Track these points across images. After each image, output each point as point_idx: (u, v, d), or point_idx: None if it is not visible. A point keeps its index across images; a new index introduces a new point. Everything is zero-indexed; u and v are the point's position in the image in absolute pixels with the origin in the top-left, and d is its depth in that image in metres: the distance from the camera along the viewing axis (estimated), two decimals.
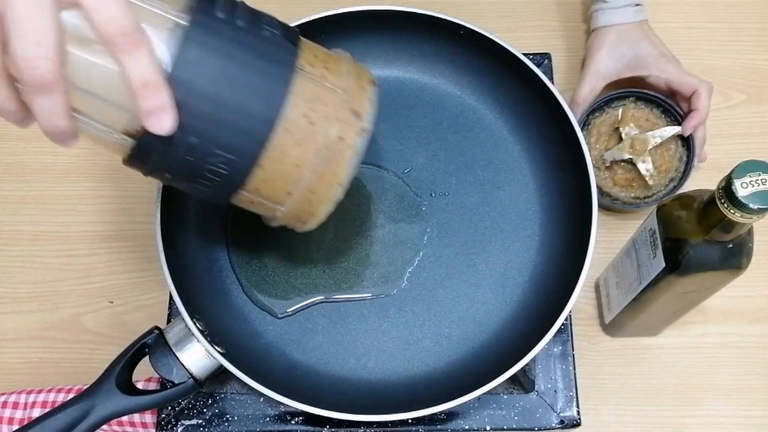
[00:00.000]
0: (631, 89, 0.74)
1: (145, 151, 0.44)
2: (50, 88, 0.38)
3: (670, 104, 0.73)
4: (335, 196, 0.48)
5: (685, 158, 0.72)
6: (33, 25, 0.36)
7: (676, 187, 0.72)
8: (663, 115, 0.74)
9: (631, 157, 0.71)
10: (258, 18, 0.46)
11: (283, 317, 0.62)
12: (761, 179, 0.45)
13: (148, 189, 0.75)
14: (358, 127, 0.47)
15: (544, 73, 0.65)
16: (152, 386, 0.63)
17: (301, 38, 0.48)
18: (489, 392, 0.55)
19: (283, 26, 0.47)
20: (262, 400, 0.62)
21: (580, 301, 0.72)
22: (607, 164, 0.73)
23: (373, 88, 0.49)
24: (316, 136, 0.45)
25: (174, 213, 0.60)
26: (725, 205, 0.46)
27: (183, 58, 0.41)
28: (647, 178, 0.71)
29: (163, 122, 0.41)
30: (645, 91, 0.74)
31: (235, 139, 0.44)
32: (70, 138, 0.42)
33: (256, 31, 0.44)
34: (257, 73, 0.43)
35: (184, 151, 0.43)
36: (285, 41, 0.45)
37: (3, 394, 0.65)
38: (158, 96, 0.40)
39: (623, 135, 0.72)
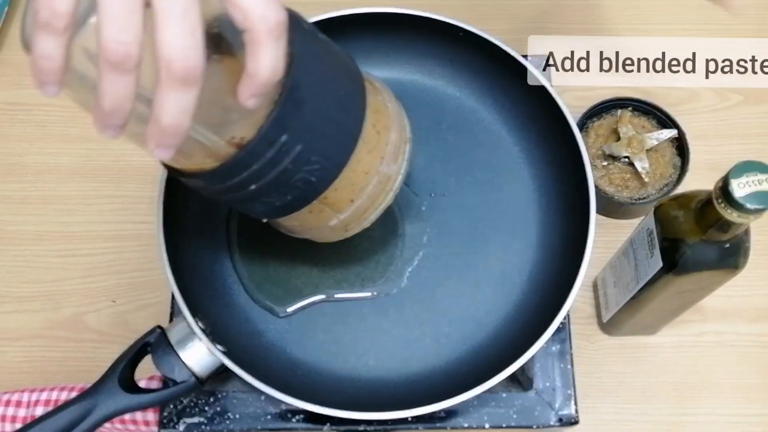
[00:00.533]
0: (629, 99, 0.75)
1: (249, 161, 0.42)
2: (193, 83, 0.35)
3: (666, 114, 0.74)
4: (387, 203, 0.51)
5: (679, 165, 0.73)
6: (191, 16, 0.35)
7: (669, 192, 0.72)
8: (659, 125, 0.75)
9: (628, 154, 0.72)
10: (338, 51, 0.48)
11: (284, 317, 0.63)
12: (758, 180, 0.45)
13: (150, 189, 0.76)
14: (406, 136, 0.52)
15: (542, 74, 0.65)
16: (154, 384, 0.64)
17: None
18: (488, 390, 0.55)
19: (353, 69, 0.49)
20: (263, 398, 0.62)
21: (578, 300, 0.72)
22: (604, 164, 0.73)
23: (407, 120, 0.54)
24: (381, 144, 0.48)
25: (176, 213, 0.61)
26: (722, 205, 0.47)
27: (295, 65, 0.41)
28: (644, 176, 0.71)
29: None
30: (643, 100, 0.75)
31: (331, 147, 0.45)
32: (172, 140, 0.37)
33: (331, 43, 0.46)
34: (348, 82, 0.45)
35: (288, 158, 0.42)
36: (345, 52, 0.48)
37: (6, 392, 0.65)
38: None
39: (621, 134, 0.73)
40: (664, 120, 0.74)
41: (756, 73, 0.81)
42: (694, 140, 0.73)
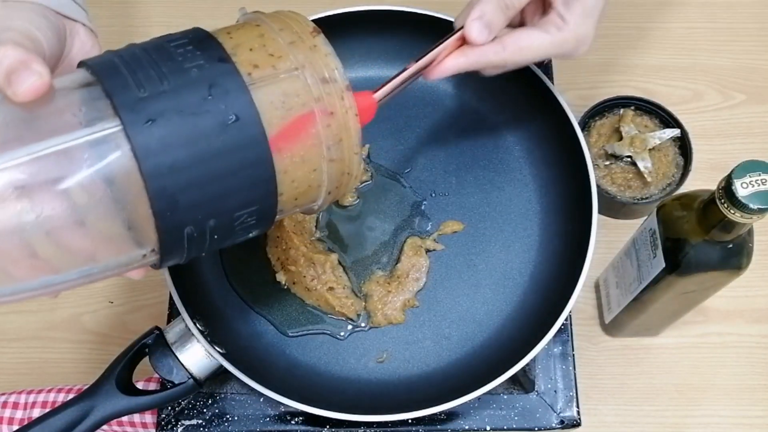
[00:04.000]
0: (632, 98, 0.75)
1: (174, 258, 0.41)
2: None
3: (669, 113, 0.73)
4: (358, 160, 0.44)
5: (681, 165, 0.73)
6: None
7: (672, 192, 0.72)
8: (662, 125, 0.74)
9: (630, 154, 0.71)
10: (171, 58, 0.38)
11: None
12: (761, 179, 0.45)
13: None
14: (339, 89, 0.42)
15: (544, 73, 0.65)
16: (152, 386, 0.63)
17: (217, 37, 0.41)
18: (489, 392, 0.55)
19: (193, 40, 0.40)
20: (262, 400, 0.62)
21: (580, 301, 0.72)
22: (606, 163, 0.73)
23: (320, 37, 0.43)
24: (308, 130, 0.41)
25: None
26: (725, 205, 0.46)
27: (147, 164, 0.36)
28: (646, 176, 0.71)
29: None
30: (645, 99, 0.74)
31: (246, 194, 0.40)
32: None
33: (184, 79, 0.38)
34: (220, 122, 0.38)
35: (208, 236, 0.40)
36: (213, 63, 0.39)
37: (3, 394, 0.65)
38: None
39: (623, 134, 0.73)
40: (666, 119, 0.74)
41: (759, 72, 0.81)
42: (697, 139, 0.73)
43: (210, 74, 0.38)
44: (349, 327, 0.62)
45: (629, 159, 0.72)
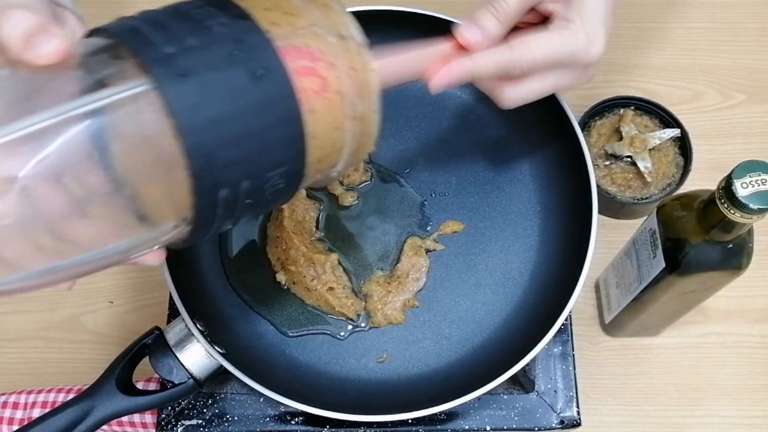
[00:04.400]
0: (632, 98, 0.75)
1: (204, 228, 0.39)
2: None
3: (669, 113, 0.73)
4: (376, 118, 0.44)
5: (681, 165, 0.73)
6: None
7: (672, 192, 0.72)
8: (662, 125, 0.74)
9: (630, 154, 0.71)
10: (191, 18, 0.38)
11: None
12: (761, 179, 0.45)
13: None
14: (356, 45, 0.41)
15: None
16: (152, 386, 0.63)
17: None
18: (489, 392, 0.55)
19: (209, 1, 0.39)
20: (262, 400, 0.62)
21: (580, 301, 0.72)
22: (606, 163, 0.73)
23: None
24: (331, 85, 0.40)
25: None
26: (725, 205, 0.46)
27: (183, 119, 0.35)
28: (646, 176, 0.71)
29: None
30: (645, 99, 0.74)
31: (279, 152, 0.39)
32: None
33: (209, 36, 0.37)
34: (250, 76, 0.37)
35: (241, 200, 0.39)
36: (235, 20, 0.38)
37: (3, 394, 0.65)
38: None
39: (624, 134, 0.73)
40: (666, 119, 0.74)
41: (759, 72, 0.81)
42: (697, 139, 0.73)
43: (233, 30, 0.38)
44: (349, 327, 0.62)
45: (629, 159, 0.72)
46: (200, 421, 0.61)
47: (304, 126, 0.39)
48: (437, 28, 0.66)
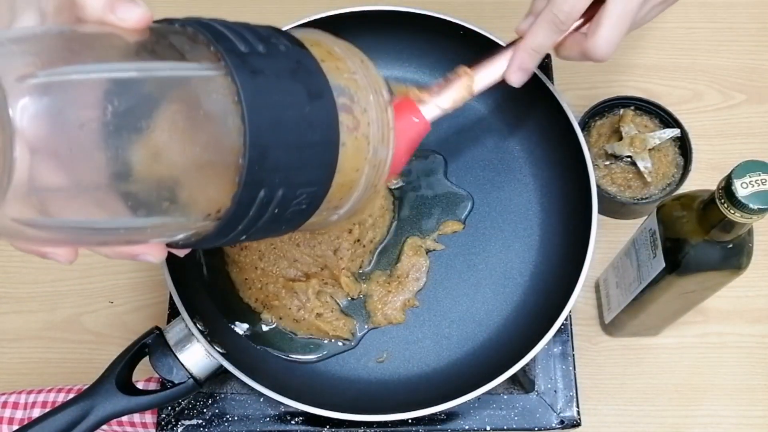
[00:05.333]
0: (631, 98, 0.75)
1: (235, 219, 0.39)
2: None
3: (669, 113, 0.73)
4: (383, 180, 0.46)
5: (681, 165, 0.73)
6: None
7: (672, 192, 0.72)
8: (662, 125, 0.74)
9: (630, 154, 0.71)
10: (257, 32, 0.40)
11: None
12: (761, 179, 0.45)
13: None
14: (384, 103, 0.44)
15: (544, 73, 0.65)
16: (152, 386, 0.63)
17: (290, 32, 0.43)
18: (489, 392, 0.55)
19: (271, 27, 0.42)
20: (262, 400, 0.62)
21: (580, 301, 0.72)
22: (606, 163, 0.73)
23: (365, 55, 0.46)
24: (362, 128, 0.42)
25: None
26: (725, 205, 0.46)
27: (252, 112, 0.36)
28: (646, 176, 0.71)
29: None
30: (645, 99, 0.74)
31: (313, 172, 0.40)
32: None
33: (276, 50, 0.39)
34: (308, 94, 0.39)
35: (271, 208, 0.39)
36: (294, 45, 0.41)
37: (3, 394, 0.65)
38: None
39: (623, 133, 0.73)
40: (666, 119, 0.74)
41: (759, 72, 0.81)
42: (697, 139, 0.73)
43: (295, 52, 0.40)
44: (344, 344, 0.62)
45: (629, 159, 0.72)
46: (200, 421, 0.61)
47: (337, 155, 0.41)
48: (437, 28, 0.66)
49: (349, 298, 0.63)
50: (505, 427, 0.61)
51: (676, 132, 0.73)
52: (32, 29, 0.36)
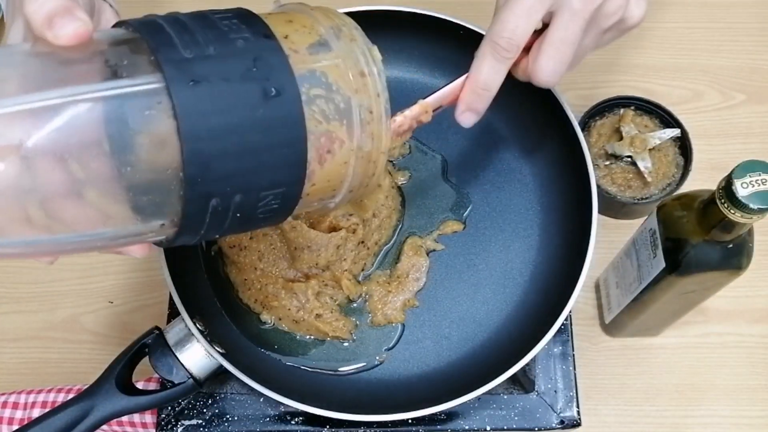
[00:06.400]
0: (632, 98, 0.75)
1: (188, 228, 0.39)
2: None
3: (669, 113, 0.73)
4: (384, 161, 0.44)
5: (681, 165, 0.73)
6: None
7: (672, 192, 0.72)
8: (662, 125, 0.74)
9: (631, 154, 0.71)
10: (216, 27, 0.38)
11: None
12: (761, 179, 0.45)
13: None
14: (375, 85, 0.42)
15: None
16: (152, 386, 0.63)
17: (260, 17, 0.41)
18: (489, 392, 0.55)
19: (238, 15, 0.40)
20: (262, 400, 0.62)
21: (580, 301, 0.72)
22: (606, 163, 0.73)
23: (359, 31, 0.44)
24: (342, 118, 0.40)
25: None
26: (725, 205, 0.46)
27: (186, 124, 0.35)
28: (646, 176, 0.71)
29: None
30: (645, 99, 0.74)
31: (277, 173, 0.39)
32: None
33: (230, 48, 0.37)
34: (262, 94, 0.37)
35: (231, 213, 0.38)
36: (258, 37, 0.39)
37: (3, 394, 0.65)
38: None
39: (624, 133, 0.73)
40: (666, 119, 0.74)
41: (759, 72, 0.81)
42: (697, 139, 0.73)
43: (255, 47, 0.38)
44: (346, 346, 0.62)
45: (629, 159, 0.72)
46: (200, 421, 0.61)
47: (305, 153, 0.39)
48: (437, 28, 0.66)
49: (349, 300, 0.63)
50: (505, 427, 0.60)
51: (676, 132, 0.73)
52: None
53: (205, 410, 0.61)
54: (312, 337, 0.62)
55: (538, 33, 0.50)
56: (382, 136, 0.42)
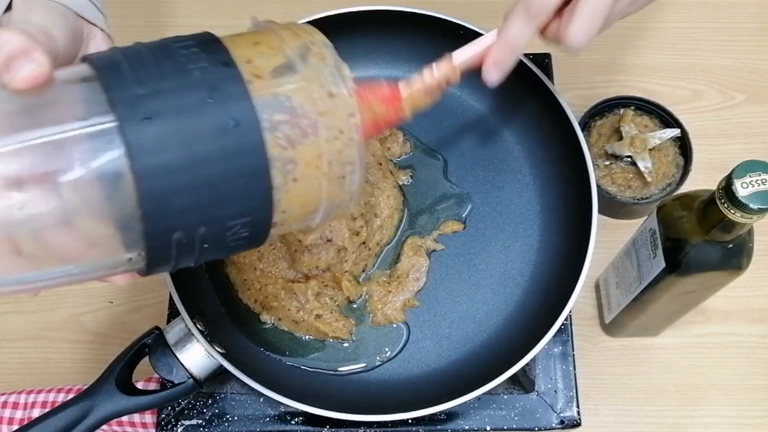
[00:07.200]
0: (632, 98, 0.75)
1: (161, 263, 0.39)
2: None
3: (669, 113, 0.73)
4: (360, 178, 0.42)
5: (681, 165, 0.73)
6: None
7: (672, 192, 0.72)
8: (662, 125, 0.74)
9: (631, 154, 0.71)
10: (174, 58, 0.38)
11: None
12: (761, 179, 0.45)
13: None
14: (346, 106, 0.40)
15: (543, 72, 0.65)
16: (152, 386, 0.63)
17: (222, 41, 0.40)
18: (489, 392, 0.55)
19: (199, 43, 0.39)
20: (262, 400, 0.62)
21: (580, 301, 0.72)
22: (606, 163, 0.73)
23: (330, 49, 0.42)
24: (311, 141, 0.39)
25: None
26: (725, 205, 0.46)
27: (139, 163, 0.35)
28: (646, 176, 0.71)
29: None
30: (645, 99, 0.74)
31: (241, 203, 0.38)
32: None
33: (185, 80, 0.37)
34: (218, 127, 0.36)
35: (198, 244, 0.38)
36: (217, 66, 0.38)
37: (3, 394, 0.65)
38: None
39: (624, 133, 0.73)
40: (666, 119, 0.74)
41: (759, 72, 0.81)
42: (697, 139, 0.73)
43: (212, 77, 0.37)
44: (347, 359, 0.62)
45: (629, 159, 0.72)
46: (200, 421, 0.61)
47: (269, 181, 0.38)
48: (437, 28, 0.66)
49: (349, 301, 0.63)
50: (505, 427, 0.60)
51: (676, 132, 0.73)
52: None
53: (205, 410, 0.61)
54: (312, 337, 0.62)
55: None
56: (354, 155, 0.41)
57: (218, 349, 0.55)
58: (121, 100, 0.35)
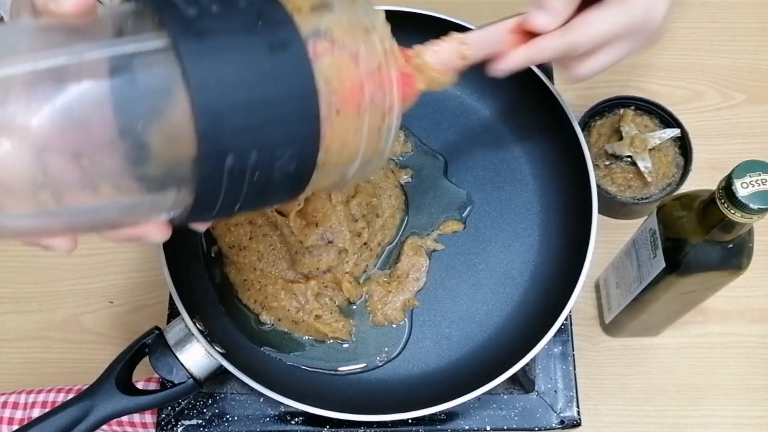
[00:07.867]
0: (632, 97, 0.75)
1: (207, 201, 0.38)
2: None
3: (669, 113, 0.73)
4: (397, 120, 0.43)
5: (681, 165, 0.73)
6: None
7: (672, 192, 0.72)
8: (662, 125, 0.74)
9: (631, 154, 0.71)
10: None
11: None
12: (761, 179, 0.45)
13: None
14: (381, 39, 0.41)
15: (544, 73, 0.65)
16: (152, 386, 0.63)
17: None
18: (489, 392, 0.55)
19: None
20: (262, 400, 0.62)
21: (580, 301, 0.72)
22: (606, 163, 0.73)
23: None
24: (353, 75, 0.40)
25: None
26: (725, 205, 0.46)
27: (195, 76, 0.35)
28: (646, 176, 0.71)
29: None
30: (645, 99, 0.74)
31: (291, 127, 0.38)
32: None
33: (233, 6, 0.37)
34: (268, 46, 0.37)
35: (248, 175, 0.38)
36: None
37: (3, 394, 0.65)
38: None
39: (624, 133, 0.73)
40: (666, 119, 0.74)
41: (759, 72, 0.81)
42: (697, 139, 0.73)
43: (258, 5, 0.38)
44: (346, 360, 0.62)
45: (629, 159, 0.72)
46: (200, 421, 0.61)
47: (317, 105, 0.38)
48: (438, 28, 0.66)
49: (349, 301, 0.63)
50: (505, 427, 0.60)
51: (676, 132, 0.73)
52: None
53: (205, 410, 0.61)
54: (311, 337, 0.62)
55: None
56: (393, 88, 0.42)
57: (218, 349, 0.55)
58: (171, 18, 0.35)
